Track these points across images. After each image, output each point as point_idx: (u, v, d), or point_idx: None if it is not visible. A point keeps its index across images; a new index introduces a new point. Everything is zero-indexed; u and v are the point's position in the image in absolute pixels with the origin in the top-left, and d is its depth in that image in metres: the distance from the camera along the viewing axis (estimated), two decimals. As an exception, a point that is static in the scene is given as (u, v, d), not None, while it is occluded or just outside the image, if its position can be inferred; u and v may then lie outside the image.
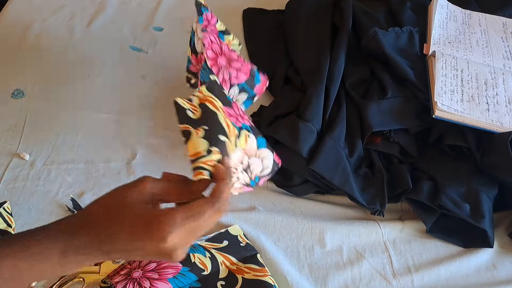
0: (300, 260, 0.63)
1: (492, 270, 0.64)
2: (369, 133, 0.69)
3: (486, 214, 0.63)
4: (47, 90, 0.82)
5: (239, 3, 1.05)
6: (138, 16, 1.00)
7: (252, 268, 0.59)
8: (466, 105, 0.70)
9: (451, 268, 0.63)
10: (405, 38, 0.81)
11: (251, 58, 0.92)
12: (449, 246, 0.66)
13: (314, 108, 0.70)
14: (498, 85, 0.74)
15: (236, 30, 0.99)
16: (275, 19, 0.99)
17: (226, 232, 0.63)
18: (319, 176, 0.66)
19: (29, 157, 0.72)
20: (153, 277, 0.56)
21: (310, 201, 0.70)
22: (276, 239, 0.65)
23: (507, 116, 0.69)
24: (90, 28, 0.96)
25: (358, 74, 0.79)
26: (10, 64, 0.86)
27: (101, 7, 1.01)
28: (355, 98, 0.74)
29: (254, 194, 0.70)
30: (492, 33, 0.86)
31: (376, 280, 0.62)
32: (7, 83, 0.83)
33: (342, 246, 0.65)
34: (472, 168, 0.68)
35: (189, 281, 0.57)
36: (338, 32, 0.84)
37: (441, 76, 0.73)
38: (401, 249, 0.65)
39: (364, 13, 0.87)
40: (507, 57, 0.81)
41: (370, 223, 0.67)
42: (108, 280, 0.58)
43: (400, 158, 0.71)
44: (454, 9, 0.91)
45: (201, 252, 0.60)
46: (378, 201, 0.66)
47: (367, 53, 0.81)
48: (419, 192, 0.65)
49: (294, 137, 0.67)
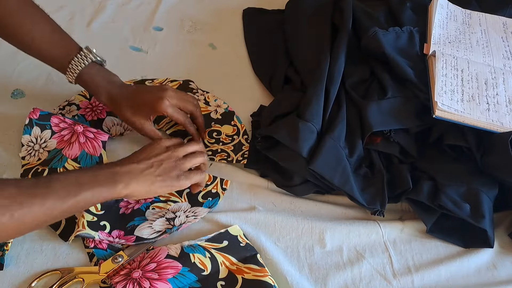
0: (300, 260, 0.63)
1: (492, 270, 0.64)
2: (369, 133, 0.69)
3: (486, 214, 0.63)
4: (47, 90, 0.82)
5: (239, 3, 1.05)
6: (138, 16, 1.00)
7: (252, 268, 0.59)
8: (466, 105, 0.70)
9: (451, 268, 0.63)
10: (405, 38, 0.81)
11: (251, 58, 0.92)
12: (449, 246, 0.66)
13: (314, 108, 0.70)
14: (498, 85, 0.74)
15: (236, 30, 1.00)
16: (275, 19, 0.99)
17: (226, 232, 0.63)
18: (319, 176, 0.66)
19: (29, 157, 0.72)
20: (153, 277, 0.56)
21: (310, 201, 0.70)
22: (276, 239, 0.65)
23: (507, 116, 0.69)
24: (90, 28, 0.96)
25: (358, 74, 0.78)
26: (10, 64, 0.86)
27: (101, 7, 1.01)
28: (355, 98, 0.74)
29: (254, 194, 0.70)
30: (492, 33, 0.86)
31: (376, 280, 0.62)
32: (7, 83, 0.83)
33: (342, 246, 0.65)
34: (472, 168, 0.68)
35: (189, 281, 0.57)
36: (338, 32, 0.84)
37: (441, 76, 0.73)
38: (401, 249, 0.65)
39: (364, 13, 0.86)
40: (507, 57, 0.81)
41: (370, 223, 0.67)
42: (108, 280, 0.58)
43: (400, 158, 0.71)
44: (454, 9, 0.91)
45: (201, 252, 0.60)
46: (378, 201, 0.66)
47: (367, 53, 0.81)
48: (419, 192, 0.65)
49: (294, 137, 0.67)
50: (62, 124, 0.72)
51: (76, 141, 0.70)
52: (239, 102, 0.84)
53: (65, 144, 0.70)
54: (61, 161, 0.68)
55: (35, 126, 0.71)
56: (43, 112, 0.73)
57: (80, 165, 0.68)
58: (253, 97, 0.85)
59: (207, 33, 0.98)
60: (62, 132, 0.71)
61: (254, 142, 0.74)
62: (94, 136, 0.71)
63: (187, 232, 0.64)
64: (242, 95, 0.85)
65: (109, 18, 0.99)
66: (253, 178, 0.72)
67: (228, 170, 0.73)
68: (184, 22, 1.00)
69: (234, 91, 0.85)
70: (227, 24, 1.01)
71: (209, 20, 1.01)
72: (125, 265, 0.59)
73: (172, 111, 0.68)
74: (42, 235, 0.62)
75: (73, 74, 0.69)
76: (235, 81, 0.88)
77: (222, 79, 0.88)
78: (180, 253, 0.59)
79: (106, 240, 0.62)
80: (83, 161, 0.69)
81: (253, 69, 0.91)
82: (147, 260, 0.59)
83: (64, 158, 0.68)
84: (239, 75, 0.90)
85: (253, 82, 0.89)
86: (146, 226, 0.63)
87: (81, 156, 0.69)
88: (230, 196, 0.70)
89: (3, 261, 0.58)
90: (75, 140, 0.70)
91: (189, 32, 0.98)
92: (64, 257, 0.60)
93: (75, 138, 0.70)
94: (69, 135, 0.70)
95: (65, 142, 0.70)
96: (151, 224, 0.64)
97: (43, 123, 0.71)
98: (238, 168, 0.73)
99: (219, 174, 0.72)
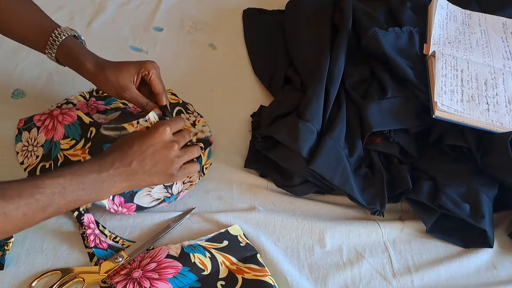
0: (300, 260, 0.63)
1: (492, 270, 0.64)
2: (369, 133, 0.69)
3: (486, 214, 0.63)
4: (47, 90, 0.82)
5: (239, 3, 1.05)
6: (138, 16, 1.00)
7: (252, 268, 0.59)
8: (466, 105, 0.70)
9: (451, 268, 0.63)
10: (405, 38, 0.82)
11: (251, 58, 0.93)
12: (449, 246, 0.66)
13: (314, 108, 0.70)
14: (498, 85, 0.74)
15: (236, 30, 1.00)
16: (275, 19, 0.99)
17: (226, 232, 0.63)
18: (319, 176, 0.66)
19: (29, 157, 0.72)
20: (153, 277, 0.56)
21: (310, 201, 0.70)
22: (276, 239, 0.65)
23: (507, 116, 0.69)
24: (90, 28, 0.96)
25: (358, 74, 0.79)
26: (10, 64, 0.86)
27: (101, 7, 1.01)
28: (355, 98, 0.74)
29: (254, 194, 0.70)
30: (492, 33, 0.86)
31: (376, 280, 0.62)
32: (7, 83, 0.83)
33: (342, 246, 0.65)
34: (472, 168, 0.68)
35: (189, 281, 0.57)
36: (338, 32, 0.84)
37: (441, 76, 0.73)
38: (401, 249, 0.65)
39: (364, 13, 0.87)
40: (507, 57, 0.81)
41: (370, 223, 0.67)
42: (108, 280, 0.58)
43: (400, 158, 0.71)
44: (454, 9, 0.91)
45: (201, 252, 0.60)
46: (378, 201, 0.66)
47: (367, 53, 0.81)
48: (419, 192, 0.65)
49: (294, 137, 0.67)
50: (43, 117, 0.73)
51: (58, 123, 0.71)
52: (239, 102, 0.84)
53: (52, 132, 0.71)
54: (56, 147, 0.69)
55: (23, 132, 0.73)
56: (27, 118, 0.74)
57: (71, 139, 0.69)
58: (253, 97, 0.85)
59: (207, 33, 0.98)
60: (44, 123, 0.72)
61: (254, 142, 0.74)
62: (68, 110, 0.73)
63: (187, 232, 0.65)
64: (242, 95, 0.85)
65: (109, 18, 0.99)
66: (253, 178, 0.72)
67: (228, 170, 0.73)
68: (184, 22, 1.00)
69: (234, 91, 0.86)
70: (227, 24, 1.01)
71: (209, 21, 1.01)
72: (125, 265, 0.59)
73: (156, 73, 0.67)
74: (43, 235, 0.62)
75: (53, 48, 0.67)
76: (235, 81, 0.88)
77: (222, 79, 0.88)
78: (180, 253, 0.59)
79: (112, 209, 0.63)
80: (71, 133, 0.70)
81: (253, 69, 0.91)
82: (147, 260, 0.59)
83: (57, 143, 0.70)
84: (239, 75, 0.90)
85: (253, 82, 0.89)
86: (145, 194, 0.65)
87: (66, 131, 0.70)
88: (230, 196, 0.70)
89: (3, 261, 0.58)
90: (57, 123, 0.71)
91: (189, 33, 0.98)
92: (65, 257, 0.60)
93: (56, 121, 0.71)
94: (51, 122, 0.72)
95: (50, 130, 0.71)
96: (149, 192, 0.65)
97: (28, 125, 0.73)
98: (238, 168, 0.73)
99: (219, 174, 0.72)
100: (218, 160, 0.74)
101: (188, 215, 0.66)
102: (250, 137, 0.77)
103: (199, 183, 0.69)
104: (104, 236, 0.63)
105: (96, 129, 0.67)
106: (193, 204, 0.68)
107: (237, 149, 0.76)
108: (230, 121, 0.81)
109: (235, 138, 0.78)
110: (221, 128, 0.79)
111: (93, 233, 0.62)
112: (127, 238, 0.63)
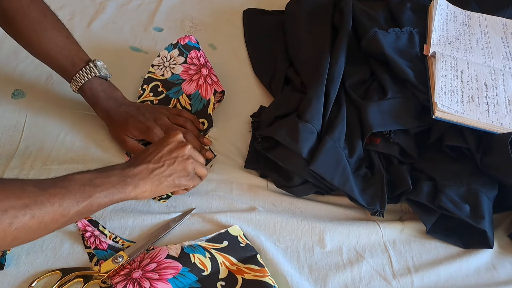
0: (300, 261, 0.63)
1: (492, 271, 0.64)
2: (369, 134, 0.69)
3: (486, 215, 0.63)
4: (47, 90, 0.82)
5: (239, 3, 1.05)
6: (138, 16, 1.00)
7: (252, 268, 0.59)
8: (466, 106, 0.70)
9: (451, 269, 0.63)
10: (405, 39, 0.82)
11: (251, 59, 0.93)
12: (449, 246, 0.66)
13: (314, 108, 0.70)
14: (498, 86, 0.74)
15: (236, 31, 1.00)
16: (275, 20, 0.99)
17: (226, 232, 0.63)
18: (319, 176, 0.66)
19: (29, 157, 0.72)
20: (153, 277, 0.56)
21: (310, 202, 0.70)
22: (276, 240, 0.65)
23: (507, 117, 0.69)
24: (90, 28, 0.96)
25: (358, 75, 0.79)
26: (10, 64, 0.86)
27: (101, 7, 1.01)
28: (355, 98, 0.74)
29: (254, 195, 0.70)
30: (492, 34, 0.86)
31: (376, 281, 0.62)
32: (7, 83, 0.83)
33: (342, 246, 0.65)
34: (472, 169, 0.68)
35: (189, 282, 0.57)
36: (338, 32, 0.84)
37: (441, 77, 0.73)
38: (401, 250, 0.65)
39: (364, 13, 0.87)
40: (507, 58, 0.81)
41: (370, 224, 0.67)
42: (108, 281, 0.58)
43: (400, 159, 0.71)
44: (454, 10, 0.91)
45: (201, 252, 0.60)
46: (378, 201, 0.66)
47: (367, 53, 0.81)
48: (419, 192, 0.65)
49: (294, 138, 0.67)
50: (195, 61, 0.81)
51: (196, 81, 0.79)
52: (239, 102, 0.84)
53: (187, 77, 0.79)
54: (178, 93, 0.79)
55: (176, 49, 0.81)
56: (190, 42, 0.81)
57: (191, 103, 0.78)
58: (253, 98, 0.85)
59: (207, 34, 0.98)
60: (191, 66, 0.80)
61: (254, 142, 0.74)
62: (211, 82, 0.80)
63: (187, 232, 0.65)
64: (242, 96, 0.85)
65: (109, 18, 0.99)
66: (253, 178, 0.72)
67: (228, 170, 0.73)
68: (184, 22, 1.00)
69: (234, 91, 0.85)
70: (227, 25, 1.01)
71: (209, 21, 1.01)
72: (125, 265, 0.59)
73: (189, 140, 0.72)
74: (42, 235, 0.62)
75: (77, 85, 0.73)
76: (235, 82, 0.88)
77: (222, 80, 0.88)
78: (180, 253, 0.59)
79: None
80: (194, 99, 0.78)
81: (253, 69, 0.91)
82: (147, 260, 0.59)
83: (181, 92, 0.79)
84: (239, 76, 0.90)
85: (253, 82, 0.89)
86: None
87: (194, 95, 0.78)
88: (230, 196, 0.70)
89: (3, 261, 0.58)
90: (196, 79, 0.79)
91: (189, 33, 0.98)
92: (64, 257, 0.60)
93: (197, 78, 0.79)
94: (194, 72, 0.80)
95: (188, 75, 0.80)
96: None
97: (184, 51, 0.81)
98: (238, 168, 0.74)
99: (219, 175, 0.72)
100: (218, 161, 0.74)
101: (188, 216, 0.66)
102: (250, 138, 0.77)
103: (199, 183, 0.69)
104: (104, 236, 0.63)
105: None
106: (193, 204, 0.68)
107: (237, 149, 0.76)
108: (230, 121, 0.81)
109: (235, 139, 0.78)
110: (221, 128, 0.79)
111: (93, 235, 0.62)
112: (127, 239, 0.63)
